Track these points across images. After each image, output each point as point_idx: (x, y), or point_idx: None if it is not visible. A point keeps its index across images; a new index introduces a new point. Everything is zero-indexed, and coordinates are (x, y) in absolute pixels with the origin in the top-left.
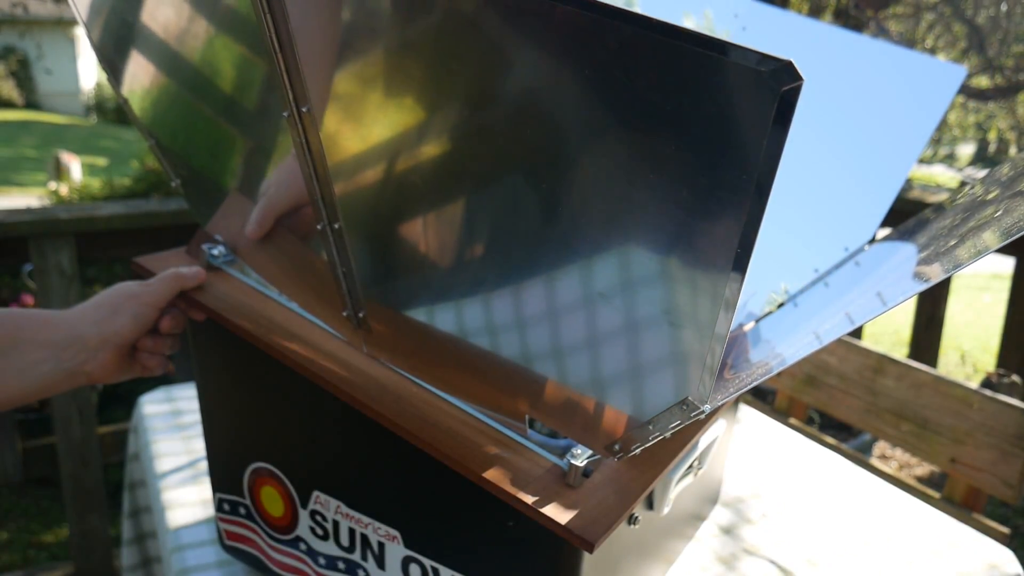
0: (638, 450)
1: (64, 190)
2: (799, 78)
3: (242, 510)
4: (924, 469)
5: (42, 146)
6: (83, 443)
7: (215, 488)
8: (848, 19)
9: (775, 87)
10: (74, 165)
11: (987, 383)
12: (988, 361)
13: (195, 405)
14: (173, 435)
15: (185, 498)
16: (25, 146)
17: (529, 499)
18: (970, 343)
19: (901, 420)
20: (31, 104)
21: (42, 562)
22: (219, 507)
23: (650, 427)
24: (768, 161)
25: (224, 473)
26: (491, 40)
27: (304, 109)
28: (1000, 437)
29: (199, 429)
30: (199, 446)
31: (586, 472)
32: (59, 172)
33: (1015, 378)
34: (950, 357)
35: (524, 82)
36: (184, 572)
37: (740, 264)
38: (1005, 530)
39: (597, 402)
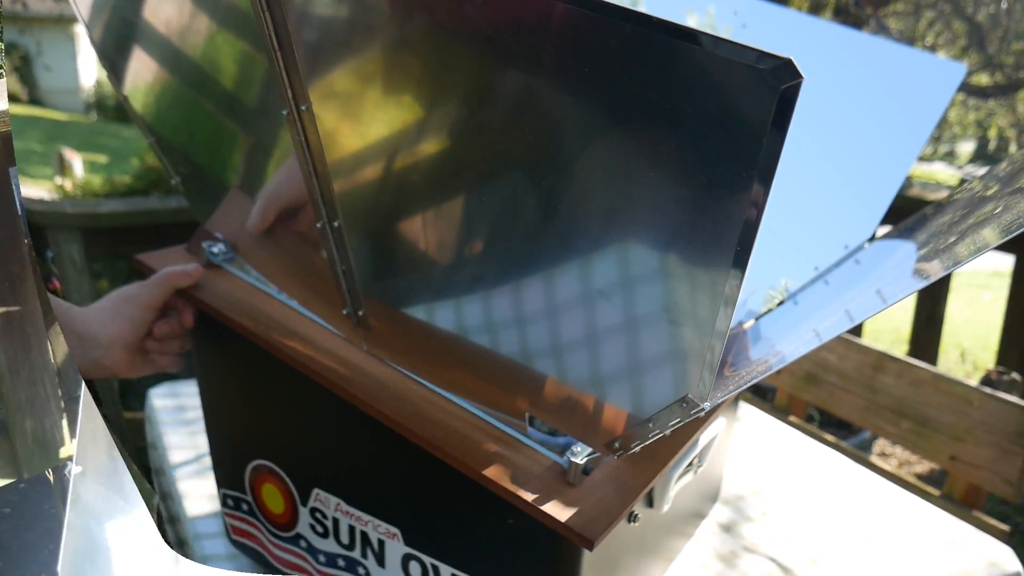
0: (638, 448)
1: (69, 185)
2: (799, 76)
3: (245, 506)
4: (924, 467)
5: (46, 141)
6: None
7: (219, 483)
8: (848, 16)
9: (775, 85)
10: (76, 161)
11: (987, 380)
12: (988, 359)
13: (198, 401)
14: (180, 430)
15: (196, 491)
16: (31, 139)
17: (529, 496)
18: (970, 341)
19: (901, 418)
20: (33, 100)
21: None
22: (224, 502)
23: (650, 425)
24: (768, 159)
25: (226, 469)
26: (491, 38)
27: (303, 107)
28: (1000, 434)
29: (203, 425)
30: (204, 441)
31: (586, 470)
32: (63, 168)
33: (1015, 376)
34: (950, 355)
35: (524, 80)
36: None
37: (740, 262)
38: (1005, 527)
39: (597, 400)
